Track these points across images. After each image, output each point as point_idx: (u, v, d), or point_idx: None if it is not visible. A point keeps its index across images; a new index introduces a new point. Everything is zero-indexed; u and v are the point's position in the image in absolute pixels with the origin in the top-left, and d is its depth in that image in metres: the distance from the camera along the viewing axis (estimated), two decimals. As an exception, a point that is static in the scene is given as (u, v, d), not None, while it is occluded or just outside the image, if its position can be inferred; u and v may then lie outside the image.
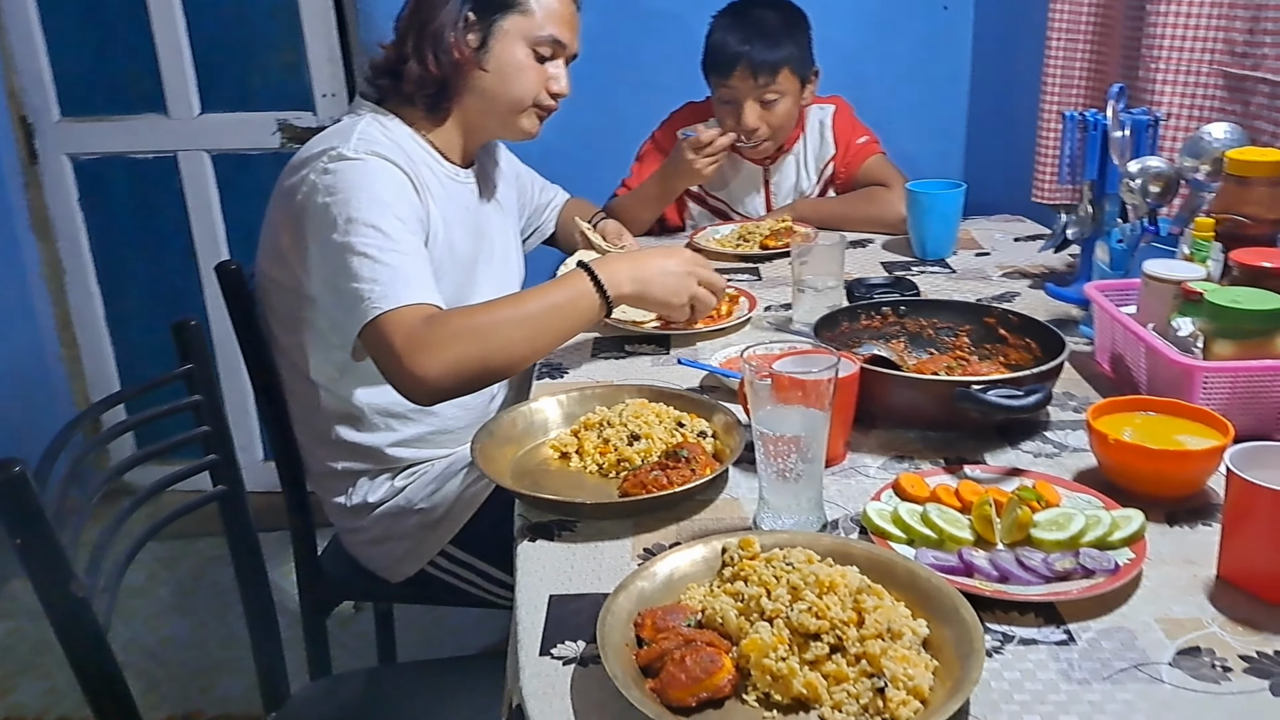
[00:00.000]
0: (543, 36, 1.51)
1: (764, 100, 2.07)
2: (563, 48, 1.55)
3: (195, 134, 2.75)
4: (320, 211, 1.36)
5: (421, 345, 1.28)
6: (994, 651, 0.86)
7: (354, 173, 1.37)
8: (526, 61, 1.52)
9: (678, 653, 0.82)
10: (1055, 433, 1.23)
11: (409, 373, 1.28)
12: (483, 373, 1.32)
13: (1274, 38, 1.50)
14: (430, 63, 1.48)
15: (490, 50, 1.50)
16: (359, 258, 1.32)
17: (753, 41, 2.03)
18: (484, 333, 1.31)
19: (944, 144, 2.79)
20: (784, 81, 2.06)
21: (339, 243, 1.33)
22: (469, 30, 1.49)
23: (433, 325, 1.30)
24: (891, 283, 1.63)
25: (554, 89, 1.56)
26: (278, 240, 1.45)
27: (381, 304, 1.30)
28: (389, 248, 1.33)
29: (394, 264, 1.33)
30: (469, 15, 1.49)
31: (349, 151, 1.39)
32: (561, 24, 1.53)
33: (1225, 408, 1.14)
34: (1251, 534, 0.90)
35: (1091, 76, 2.03)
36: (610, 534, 1.05)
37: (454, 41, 1.48)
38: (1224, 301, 1.16)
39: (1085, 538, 0.97)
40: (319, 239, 1.36)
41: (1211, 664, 0.83)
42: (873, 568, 0.91)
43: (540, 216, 1.99)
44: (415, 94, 1.50)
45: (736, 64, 2.03)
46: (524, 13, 1.50)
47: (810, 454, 1.00)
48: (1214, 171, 1.39)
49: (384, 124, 1.50)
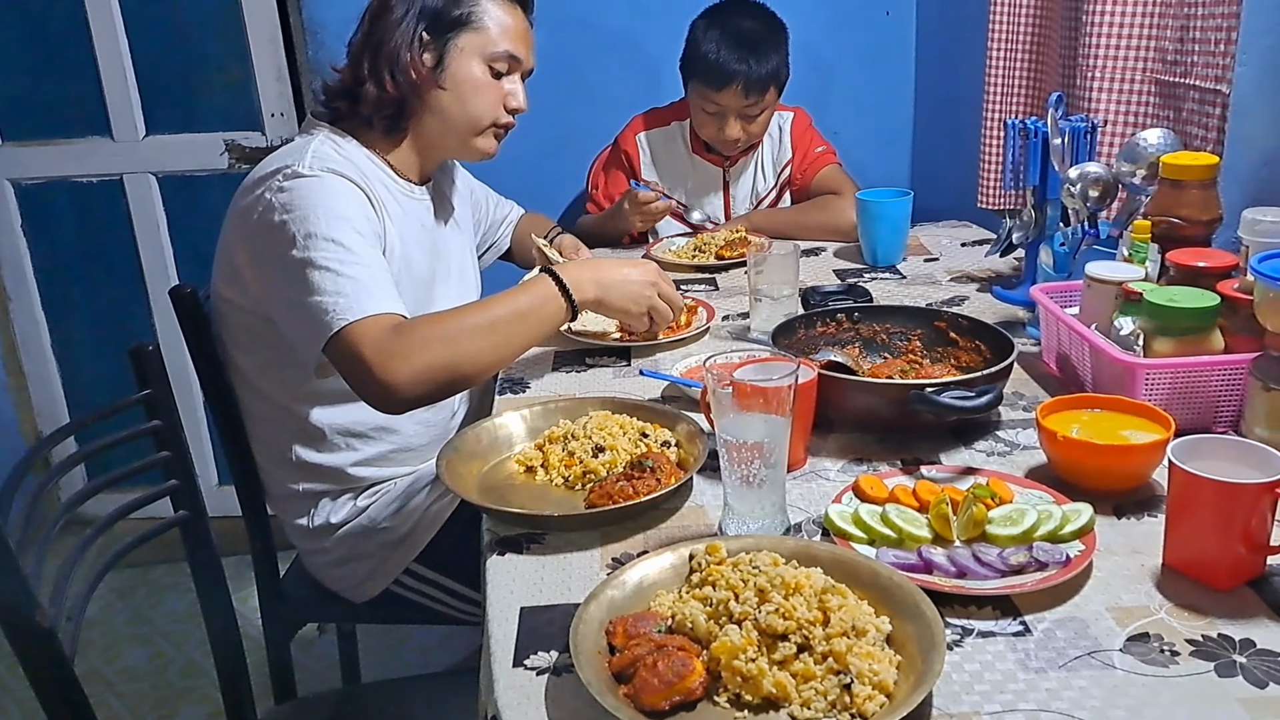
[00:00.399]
0: (499, 53, 1.52)
1: (748, 114, 2.13)
2: (519, 63, 1.56)
3: (141, 156, 2.72)
4: (277, 230, 1.35)
5: (391, 353, 1.28)
6: (954, 645, 0.88)
7: (310, 189, 1.37)
8: (484, 79, 1.53)
9: (650, 658, 0.83)
10: (1007, 432, 1.26)
11: (380, 382, 1.28)
12: (453, 378, 1.32)
13: (1202, 46, 1.56)
14: (388, 84, 1.48)
15: (447, 69, 1.51)
16: (320, 271, 1.32)
17: (748, 60, 2.07)
18: (453, 338, 1.31)
19: (892, 152, 2.84)
20: (770, 96, 2.13)
21: (298, 259, 1.33)
22: (424, 50, 1.50)
23: (400, 333, 1.30)
24: (845, 290, 1.66)
25: (511, 105, 1.57)
26: (233, 261, 1.45)
27: (347, 315, 1.30)
28: (350, 260, 1.34)
29: (356, 276, 1.33)
30: (424, 35, 1.49)
31: (304, 169, 1.39)
32: (516, 39, 1.54)
33: (1166, 402, 1.19)
34: (1194, 523, 0.94)
35: (1031, 85, 2.09)
36: (578, 545, 1.07)
37: (410, 62, 1.48)
38: (1162, 301, 1.21)
39: (1038, 532, 1.00)
40: (277, 257, 1.35)
41: (1160, 649, 0.86)
42: (836, 568, 0.94)
43: (496, 232, 2.00)
44: (373, 115, 1.51)
45: (731, 82, 2.08)
46: (478, 30, 1.51)
47: (773, 459, 1.02)
48: (1150, 176, 1.45)
49: (337, 142, 1.50)
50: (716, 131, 2.16)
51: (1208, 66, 1.54)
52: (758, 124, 2.17)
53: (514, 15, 1.54)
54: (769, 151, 2.31)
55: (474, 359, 1.33)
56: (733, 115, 2.13)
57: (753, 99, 2.10)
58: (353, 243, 1.35)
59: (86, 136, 2.71)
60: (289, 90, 2.65)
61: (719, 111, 2.14)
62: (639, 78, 2.62)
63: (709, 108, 2.15)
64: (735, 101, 2.10)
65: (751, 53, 2.07)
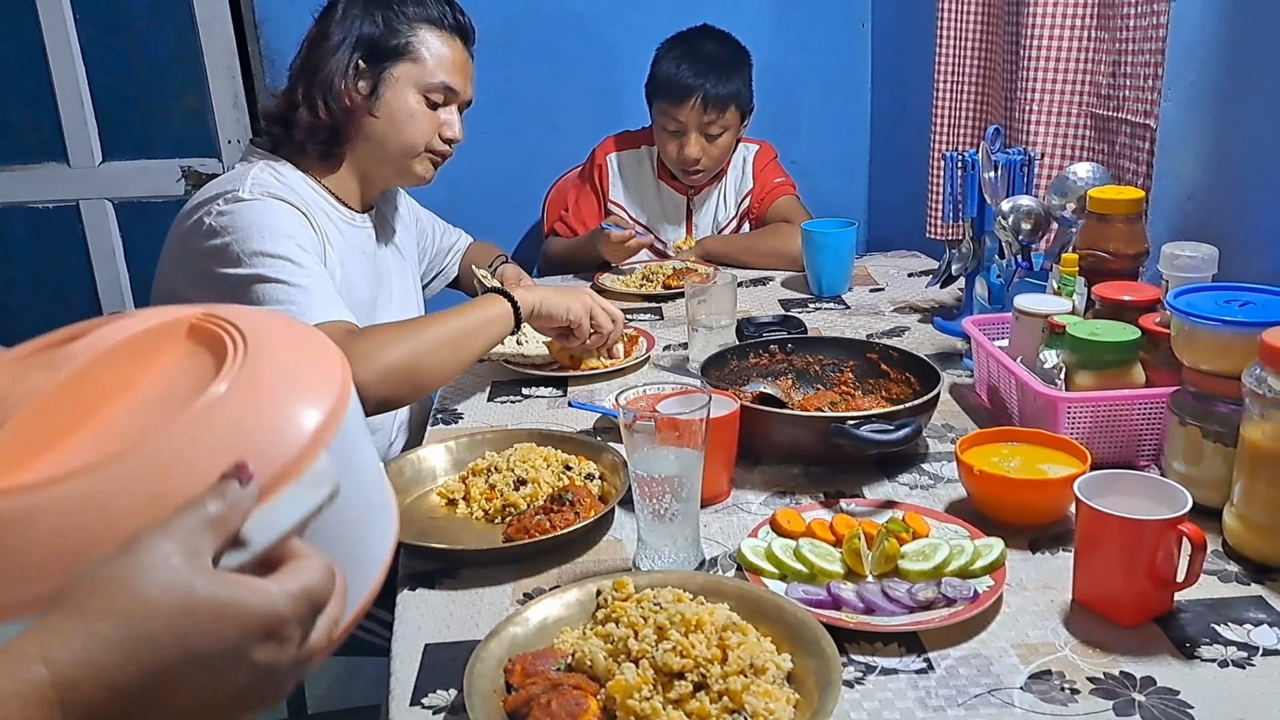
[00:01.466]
0: (434, 83, 1.53)
1: (708, 133, 2.15)
2: (455, 94, 1.57)
3: (98, 183, 2.71)
4: (220, 251, 1.35)
5: (349, 355, 1.27)
6: (855, 682, 0.88)
7: (251, 211, 1.38)
8: (418, 108, 1.53)
9: (544, 697, 0.83)
10: (932, 464, 1.26)
11: None
12: (414, 379, 1.34)
13: (1132, 81, 1.58)
14: (320, 110, 1.49)
15: (381, 97, 1.51)
16: (270, 284, 1.32)
17: (708, 75, 2.10)
18: (412, 341, 1.34)
19: (849, 182, 2.87)
20: (730, 116, 2.15)
21: (244, 275, 1.33)
22: (360, 78, 1.51)
23: (357, 336, 1.32)
24: (780, 321, 1.66)
25: (446, 134, 1.57)
26: (174, 289, 1.44)
27: (304, 320, 1.29)
28: (300, 273, 1.34)
29: (307, 286, 1.34)
30: (359, 63, 1.50)
31: (244, 193, 1.40)
32: (453, 71, 1.55)
33: (1088, 436, 1.19)
34: (1100, 559, 0.94)
35: (976, 117, 2.11)
36: (492, 580, 1.06)
37: (344, 89, 1.49)
38: (1083, 334, 1.22)
39: (949, 567, 1.00)
40: (221, 279, 1.35)
41: (1061, 686, 0.86)
42: (743, 604, 0.93)
43: (443, 260, 2.00)
44: (307, 141, 1.51)
45: (690, 96, 2.10)
46: (414, 61, 1.52)
47: (685, 493, 1.02)
48: (1080, 209, 1.46)
49: (276, 170, 1.51)
50: (677, 152, 2.18)
51: (1138, 101, 1.56)
52: (718, 146, 2.18)
53: (452, 47, 1.55)
54: (732, 182, 2.34)
55: (433, 362, 1.36)
56: (693, 132, 2.15)
57: (712, 114, 2.12)
58: (300, 258, 1.36)
59: (43, 162, 2.71)
60: (246, 118, 2.66)
61: (679, 129, 2.16)
62: (599, 105, 2.64)
63: (670, 125, 2.17)
64: (695, 117, 2.12)
65: (712, 70, 2.11)
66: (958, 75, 2.09)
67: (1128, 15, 1.57)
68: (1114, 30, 1.62)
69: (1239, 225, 1.38)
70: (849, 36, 2.76)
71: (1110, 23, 1.64)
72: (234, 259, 1.34)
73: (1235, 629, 0.92)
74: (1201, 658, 0.89)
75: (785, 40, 2.71)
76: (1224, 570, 1.02)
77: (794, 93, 2.76)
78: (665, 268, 2.09)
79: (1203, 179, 1.45)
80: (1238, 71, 1.37)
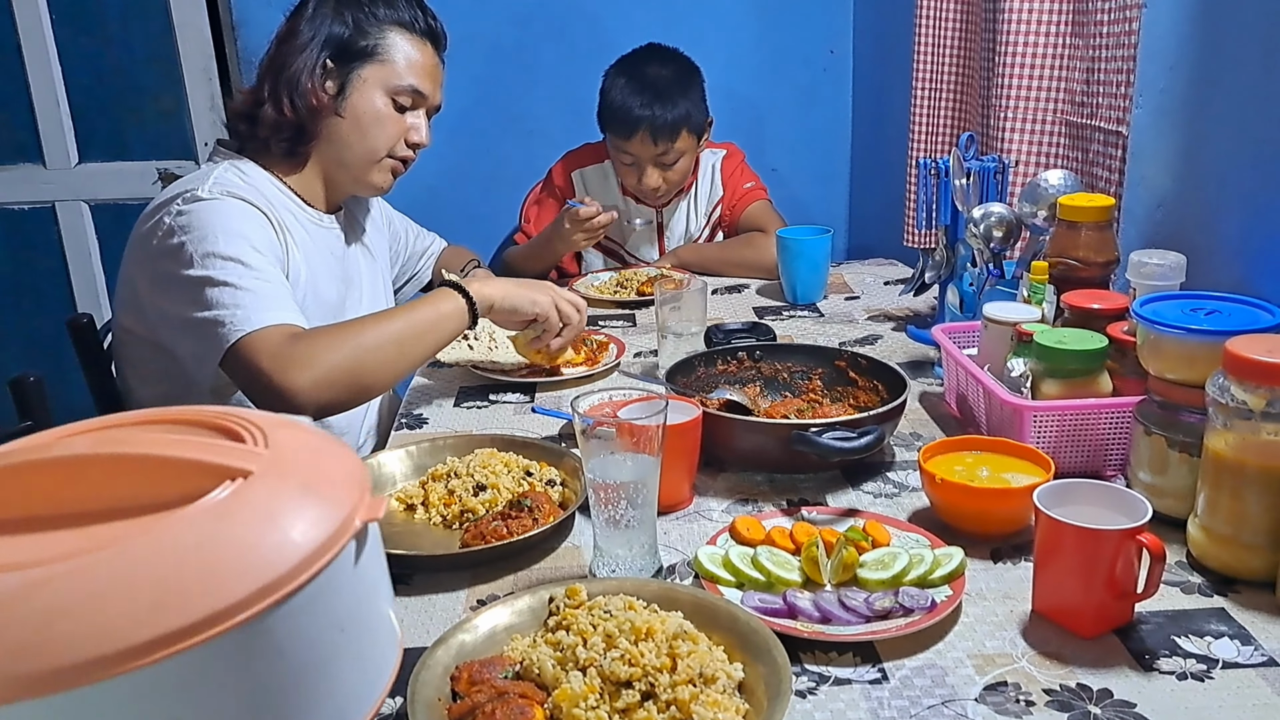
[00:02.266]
0: (402, 86, 1.52)
1: (663, 163, 2.12)
2: (423, 98, 1.55)
3: (73, 184, 2.69)
4: (175, 251, 1.34)
5: (289, 360, 1.26)
6: (808, 692, 0.86)
7: (208, 211, 1.36)
8: (385, 111, 1.52)
9: (489, 706, 0.81)
10: (897, 473, 1.25)
11: (279, 389, 1.25)
12: (356, 383, 1.30)
13: (1105, 89, 1.57)
14: (286, 107, 1.48)
15: (348, 98, 1.50)
16: (217, 288, 1.30)
17: (652, 107, 2.05)
18: (354, 344, 1.30)
19: (829, 189, 2.86)
20: (682, 142, 2.11)
21: (195, 276, 1.31)
22: (327, 78, 1.50)
23: (298, 341, 1.29)
24: (749, 328, 1.65)
25: (412, 139, 1.56)
26: (134, 290, 1.43)
27: (244, 326, 1.28)
28: (248, 276, 1.32)
29: (254, 289, 1.32)
30: (327, 62, 1.49)
31: (204, 193, 1.38)
32: (422, 75, 1.54)
33: (1055, 445, 1.18)
34: (1058, 568, 0.93)
35: (954, 124, 2.11)
36: (446, 586, 1.04)
37: (311, 88, 1.47)
38: (1050, 343, 1.20)
39: (908, 576, 0.98)
40: (174, 278, 1.34)
41: (1016, 698, 0.84)
42: (697, 612, 0.92)
43: (416, 264, 1.98)
44: (271, 138, 1.50)
45: (637, 129, 2.06)
46: (383, 63, 1.51)
47: (641, 500, 1.00)
48: (1051, 216, 1.45)
49: (241, 170, 1.49)
50: (637, 182, 2.16)
51: (1110, 109, 1.55)
52: (676, 171, 2.15)
53: (422, 50, 1.54)
54: (702, 192, 2.30)
55: (376, 364, 1.32)
56: (647, 164, 2.12)
57: (662, 146, 2.08)
58: (251, 259, 1.34)
59: (18, 163, 2.69)
60: (223, 120, 2.62)
61: (633, 162, 2.13)
62: (572, 113, 2.62)
63: (624, 159, 2.15)
64: (645, 150, 2.09)
65: (656, 98, 2.06)
66: (936, 82, 2.08)
67: (1101, 21, 1.56)
68: (1088, 37, 1.62)
69: (1207, 234, 1.38)
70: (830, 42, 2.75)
71: (1084, 29, 1.63)
72: (187, 260, 1.33)
73: (1196, 641, 0.91)
74: (1160, 670, 0.87)
75: (766, 46, 2.70)
76: (1187, 581, 1.00)
77: (775, 99, 2.75)
78: (640, 274, 2.07)
79: (1172, 187, 1.44)
80: (1207, 79, 1.37)
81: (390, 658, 0.64)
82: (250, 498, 0.54)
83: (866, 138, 2.72)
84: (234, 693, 0.51)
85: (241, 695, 0.51)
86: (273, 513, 0.54)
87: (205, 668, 0.50)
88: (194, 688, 0.49)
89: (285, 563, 0.52)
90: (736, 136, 2.39)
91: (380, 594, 0.63)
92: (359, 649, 0.58)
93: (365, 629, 0.58)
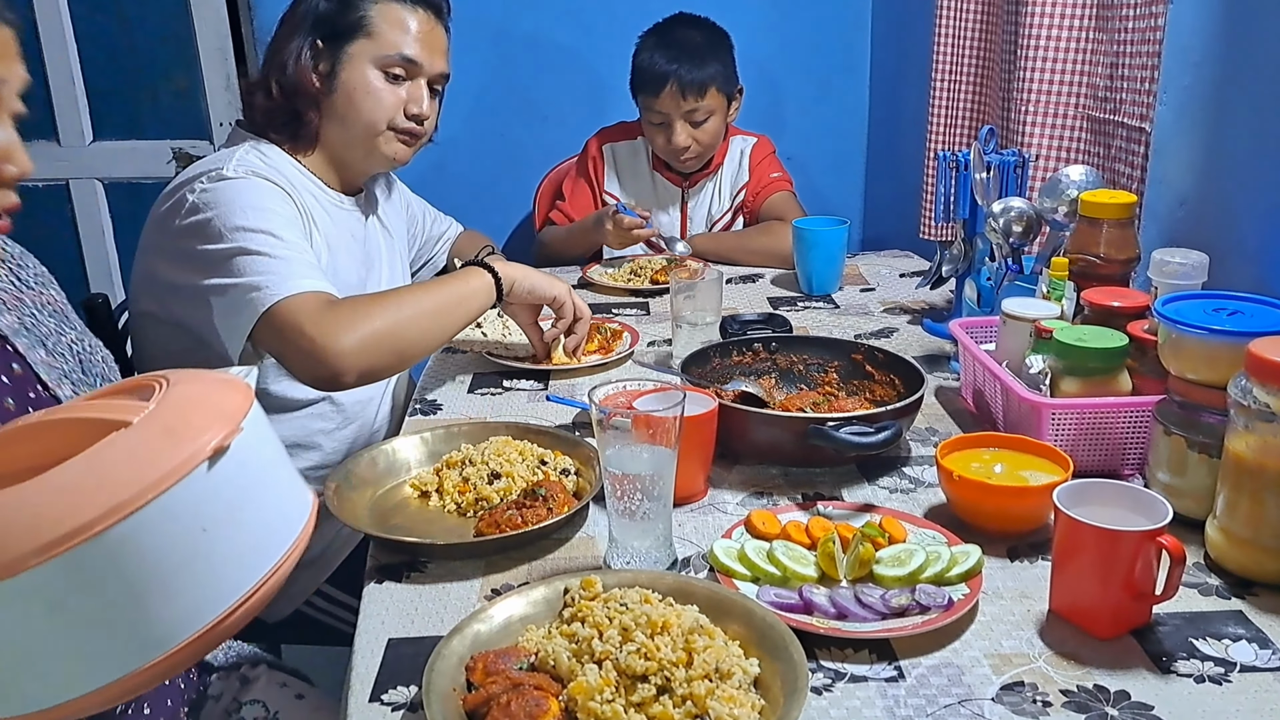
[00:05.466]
0: (391, 56, 1.51)
1: (693, 120, 2.13)
2: (417, 67, 1.53)
3: (88, 162, 2.69)
4: (201, 227, 1.34)
5: (332, 322, 1.26)
6: (824, 689, 0.86)
7: (234, 189, 1.36)
8: (376, 84, 1.51)
9: (504, 697, 0.81)
10: (914, 468, 1.24)
11: (323, 352, 1.25)
12: (395, 350, 1.31)
13: (1129, 84, 1.55)
14: (275, 91, 1.49)
15: (339, 76, 1.51)
16: (250, 256, 1.30)
17: (680, 61, 2.08)
18: (394, 310, 1.31)
19: (845, 180, 2.85)
20: (711, 99, 2.12)
21: (225, 250, 1.31)
22: (319, 59, 1.50)
23: (339, 305, 1.29)
24: (764, 319, 1.64)
25: (411, 110, 1.54)
26: (153, 273, 1.42)
27: (280, 290, 1.28)
28: (280, 245, 1.33)
29: (286, 257, 1.32)
30: (317, 43, 1.50)
31: (228, 172, 1.38)
32: (415, 43, 1.52)
33: (1072, 443, 1.17)
34: (1077, 569, 0.92)
35: (973, 117, 2.09)
36: (460, 575, 1.04)
37: (298, 70, 1.49)
38: (1070, 340, 1.20)
39: (925, 573, 0.98)
40: (201, 253, 1.33)
41: (1033, 699, 0.84)
42: (713, 606, 0.91)
43: (432, 249, 1.98)
44: (266, 124, 1.51)
45: (665, 83, 2.08)
46: (369, 35, 1.50)
47: (657, 492, 1.00)
48: (1071, 212, 1.44)
49: (262, 151, 1.49)
50: (665, 142, 2.17)
51: (1134, 104, 1.54)
52: (706, 131, 2.16)
53: (415, 17, 1.53)
54: (728, 175, 2.31)
55: (416, 332, 1.33)
56: (676, 121, 2.13)
57: (690, 101, 2.10)
58: (281, 230, 1.35)
59: (32, 140, 2.64)
60: (237, 100, 2.63)
61: (663, 120, 2.14)
62: (586, 96, 2.62)
63: (654, 118, 2.16)
64: (673, 105, 2.11)
65: (685, 55, 2.09)
66: (955, 74, 2.07)
67: (1126, 16, 1.55)
68: (1112, 32, 1.60)
69: (1230, 233, 1.36)
70: (848, 32, 2.73)
71: (1108, 24, 1.62)
72: (215, 234, 1.32)
73: (1214, 644, 0.91)
74: (1178, 672, 0.87)
75: (783, 35, 2.68)
76: (1205, 584, 1.00)
77: (791, 88, 2.74)
78: (654, 262, 2.07)
79: (1195, 185, 1.43)
80: (1231, 78, 1.35)
81: (294, 520, 0.76)
82: (120, 442, 0.69)
83: (883, 128, 2.71)
84: (112, 584, 0.66)
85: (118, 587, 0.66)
86: (132, 450, 0.68)
87: (79, 570, 0.64)
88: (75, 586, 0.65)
89: (132, 487, 0.65)
90: (751, 125, 2.38)
91: (265, 485, 0.75)
92: (233, 535, 0.70)
93: (236, 522, 0.71)
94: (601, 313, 1.86)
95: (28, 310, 1.04)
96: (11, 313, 1.02)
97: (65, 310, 1.11)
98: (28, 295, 1.05)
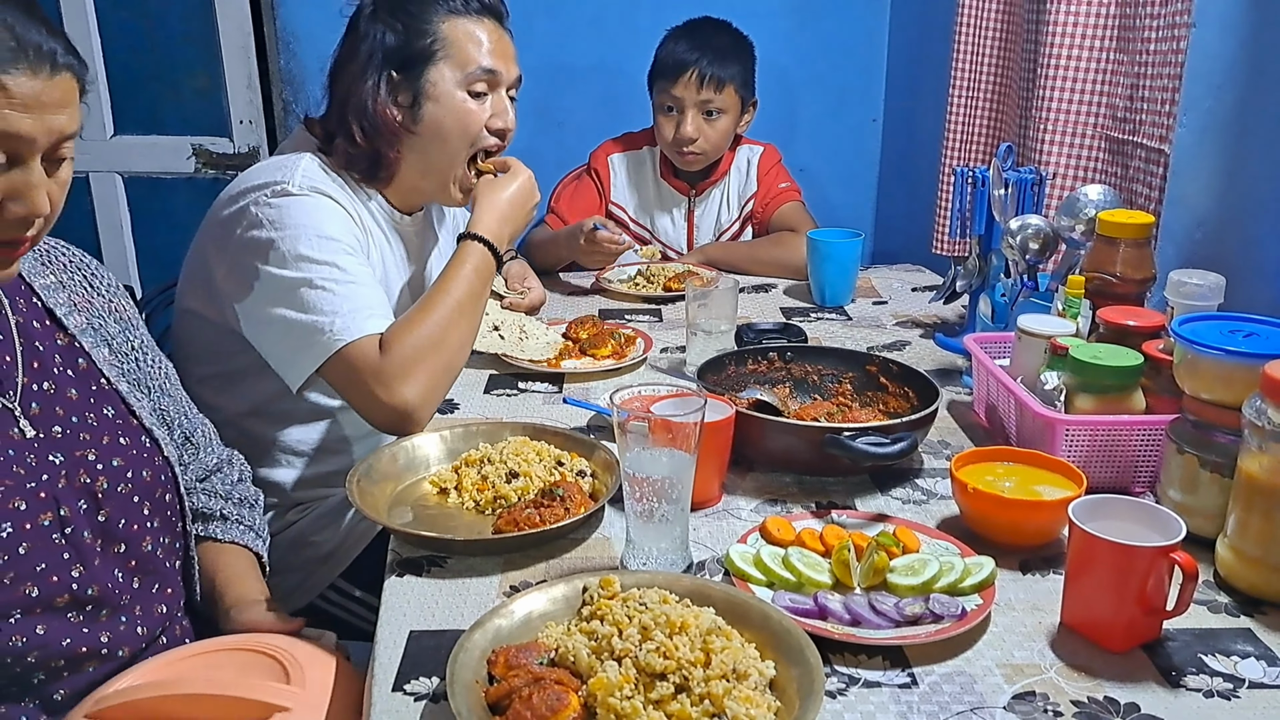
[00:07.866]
0: (474, 72, 1.46)
1: (706, 111, 2.14)
2: (497, 76, 1.49)
3: (108, 156, 2.71)
4: (265, 246, 1.34)
5: (391, 376, 1.29)
6: (838, 694, 0.87)
7: (299, 209, 1.36)
8: (463, 106, 1.47)
9: (525, 690, 0.82)
10: (926, 480, 1.26)
11: (392, 409, 1.30)
12: (449, 375, 1.37)
13: (1149, 105, 1.57)
14: (358, 135, 1.45)
15: (423, 106, 1.46)
16: (314, 291, 1.31)
17: (703, 51, 2.11)
18: (437, 338, 1.34)
19: (857, 192, 2.86)
20: (727, 97, 2.14)
21: (291, 279, 1.32)
22: (396, 91, 1.45)
23: (389, 355, 1.30)
24: (780, 328, 1.66)
25: (495, 125, 1.50)
26: (208, 274, 1.42)
27: (343, 335, 1.30)
28: (344, 280, 1.33)
29: (349, 295, 1.33)
30: (392, 75, 1.45)
31: (293, 187, 1.37)
32: (491, 54, 1.48)
33: (1085, 460, 1.19)
34: (1090, 583, 0.94)
35: (990, 134, 2.11)
36: (479, 571, 1.06)
37: (379, 109, 1.44)
38: (1085, 357, 1.21)
39: (938, 584, 0.99)
40: (264, 275, 1.33)
41: (1044, 709, 0.85)
42: (729, 609, 0.93)
43: None
44: (347, 166, 1.48)
45: (685, 69, 2.11)
46: (446, 56, 1.45)
47: (675, 496, 1.01)
48: (1088, 231, 1.45)
49: (326, 162, 1.48)
50: (674, 131, 2.16)
51: (1154, 126, 1.55)
52: (716, 129, 2.16)
53: (484, 28, 1.48)
54: (735, 184, 2.32)
55: (457, 345, 1.37)
56: (690, 109, 2.13)
57: (708, 91, 2.11)
58: (344, 262, 1.35)
59: (54, 132, 2.70)
60: (259, 98, 2.66)
61: (676, 105, 2.15)
62: (606, 107, 2.64)
63: (667, 102, 2.16)
64: (690, 93, 2.12)
65: (710, 50, 2.12)
66: (973, 90, 2.09)
67: (1148, 39, 1.57)
68: (1133, 53, 1.62)
69: (1247, 255, 1.38)
70: (865, 46, 2.75)
71: (1130, 45, 1.63)
72: (280, 259, 1.33)
73: (1223, 660, 0.92)
74: (1187, 687, 0.88)
75: (800, 47, 2.70)
76: (1214, 601, 1.01)
77: (806, 100, 2.76)
78: (667, 269, 2.08)
79: (1213, 207, 1.44)
80: (1252, 102, 1.37)
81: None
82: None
83: (896, 142, 2.72)
84: None
85: None
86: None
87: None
88: None
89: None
90: (765, 135, 2.40)
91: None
92: None
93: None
94: (615, 319, 1.87)
95: (96, 314, 1.16)
96: (81, 314, 1.14)
97: (133, 320, 1.22)
98: (98, 301, 1.17)
